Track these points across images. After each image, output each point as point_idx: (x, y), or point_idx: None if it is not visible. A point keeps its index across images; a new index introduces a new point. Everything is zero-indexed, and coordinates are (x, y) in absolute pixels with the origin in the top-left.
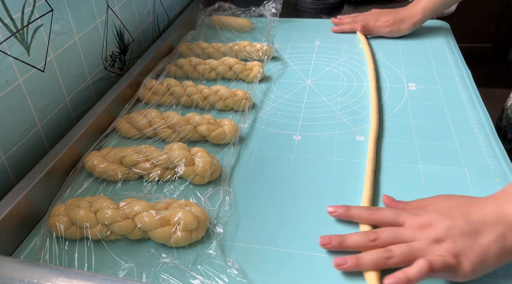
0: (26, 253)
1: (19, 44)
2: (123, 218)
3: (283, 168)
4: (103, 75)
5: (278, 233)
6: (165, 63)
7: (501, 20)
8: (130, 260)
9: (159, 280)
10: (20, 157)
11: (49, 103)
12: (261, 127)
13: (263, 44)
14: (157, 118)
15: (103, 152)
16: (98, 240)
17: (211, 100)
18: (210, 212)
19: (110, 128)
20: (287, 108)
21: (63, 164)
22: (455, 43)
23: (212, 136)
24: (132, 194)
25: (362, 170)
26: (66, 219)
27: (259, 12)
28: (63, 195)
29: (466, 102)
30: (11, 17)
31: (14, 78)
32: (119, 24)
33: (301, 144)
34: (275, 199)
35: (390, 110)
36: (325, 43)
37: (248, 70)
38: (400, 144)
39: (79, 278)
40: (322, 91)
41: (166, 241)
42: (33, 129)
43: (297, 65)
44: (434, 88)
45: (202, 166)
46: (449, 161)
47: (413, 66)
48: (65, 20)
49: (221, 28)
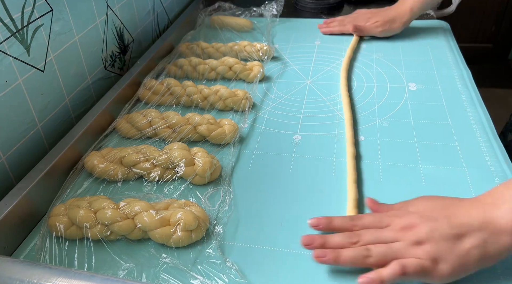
0: (26, 253)
1: (19, 44)
2: (123, 218)
3: (283, 168)
4: (103, 75)
5: (278, 233)
6: (165, 63)
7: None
8: (130, 260)
9: (159, 280)
10: (20, 157)
11: (49, 103)
12: (261, 127)
13: (263, 44)
14: (157, 118)
15: (103, 152)
16: (98, 240)
17: (211, 100)
18: (210, 212)
19: (110, 128)
20: (287, 108)
21: (63, 164)
22: (455, 43)
23: (212, 137)
24: (132, 194)
25: (362, 169)
26: (66, 219)
27: (259, 13)
28: (63, 195)
29: (466, 102)
30: (11, 17)
31: (14, 78)
32: (119, 24)
33: (301, 144)
34: (275, 199)
35: (390, 110)
36: (325, 43)
37: (248, 70)
38: (400, 144)
39: (79, 278)
40: (322, 91)
41: (166, 241)
42: (33, 129)
43: (297, 65)
44: (434, 88)
45: (202, 166)
46: (449, 161)
47: (413, 66)
48: (65, 20)
49: (221, 28)
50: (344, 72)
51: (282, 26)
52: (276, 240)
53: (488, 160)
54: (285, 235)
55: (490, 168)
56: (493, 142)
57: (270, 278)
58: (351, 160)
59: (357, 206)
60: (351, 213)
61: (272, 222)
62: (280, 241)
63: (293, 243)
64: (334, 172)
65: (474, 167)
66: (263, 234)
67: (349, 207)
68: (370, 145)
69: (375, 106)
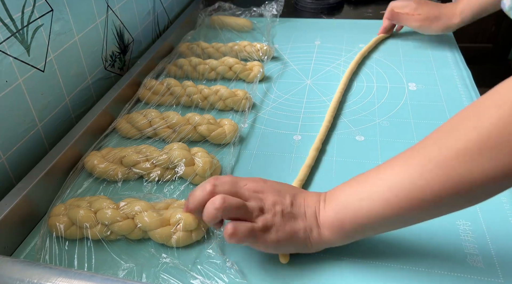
0: (26, 253)
1: (19, 44)
2: (123, 218)
3: (283, 168)
4: (103, 75)
5: None
6: (165, 63)
7: (501, 20)
8: (130, 260)
9: (159, 280)
10: (20, 156)
11: (49, 103)
12: (261, 127)
13: (263, 44)
14: (157, 118)
15: (103, 152)
16: (98, 240)
17: (211, 100)
18: None
19: (110, 128)
20: (287, 108)
21: (63, 163)
22: (455, 43)
23: (212, 137)
24: (132, 194)
25: (362, 170)
26: (66, 219)
27: (259, 13)
28: (63, 195)
29: (466, 102)
30: (11, 17)
31: (14, 78)
32: (119, 24)
33: (301, 144)
34: None
35: (390, 110)
36: (325, 43)
37: (248, 70)
38: (400, 144)
39: (79, 278)
40: (322, 91)
41: (166, 241)
42: (33, 129)
43: (297, 65)
44: (434, 88)
45: (202, 166)
46: None
47: (413, 66)
48: (65, 20)
49: (221, 28)
50: (349, 73)
51: (282, 26)
52: None
53: None
54: None
55: None
56: None
57: (270, 277)
58: (314, 151)
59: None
60: None
61: None
62: None
63: None
64: (334, 171)
65: None
66: None
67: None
68: (370, 144)
69: (375, 106)
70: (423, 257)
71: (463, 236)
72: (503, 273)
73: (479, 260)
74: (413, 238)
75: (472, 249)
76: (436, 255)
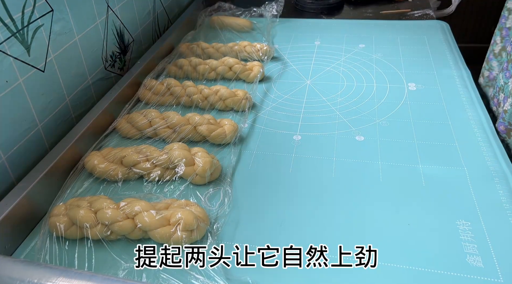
0: (26, 253)
1: (20, 44)
2: (123, 218)
3: (283, 168)
4: (103, 75)
5: (278, 233)
6: (165, 63)
7: None
8: (130, 260)
9: (159, 280)
10: (20, 156)
11: (49, 103)
12: (261, 127)
13: (263, 44)
14: (157, 118)
15: (103, 152)
16: (98, 240)
17: (211, 100)
18: (210, 212)
19: (110, 128)
20: (287, 108)
21: (63, 164)
22: (455, 43)
23: (212, 136)
24: (132, 194)
25: (362, 170)
26: (66, 219)
27: (259, 13)
28: (63, 195)
29: (466, 102)
30: (11, 17)
31: (14, 78)
32: (119, 24)
33: (301, 143)
34: (275, 199)
35: (390, 110)
36: (325, 43)
37: (248, 70)
38: (400, 144)
39: (79, 278)
40: (322, 91)
41: (166, 241)
42: (33, 129)
43: (297, 65)
44: (434, 88)
45: (202, 166)
46: (449, 161)
47: (413, 66)
48: (65, 20)
49: (221, 28)
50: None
51: (282, 26)
52: (276, 240)
53: (487, 159)
54: (285, 235)
55: (490, 168)
56: (493, 142)
57: (270, 278)
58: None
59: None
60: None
61: (272, 222)
62: (280, 240)
63: (292, 243)
64: (334, 171)
65: (473, 167)
66: (263, 234)
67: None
68: (370, 144)
69: (375, 106)
70: (423, 257)
71: (463, 236)
72: (503, 273)
73: (479, 260)
74: (413, 238)
75: (472, 249)
76: (436, 255)
